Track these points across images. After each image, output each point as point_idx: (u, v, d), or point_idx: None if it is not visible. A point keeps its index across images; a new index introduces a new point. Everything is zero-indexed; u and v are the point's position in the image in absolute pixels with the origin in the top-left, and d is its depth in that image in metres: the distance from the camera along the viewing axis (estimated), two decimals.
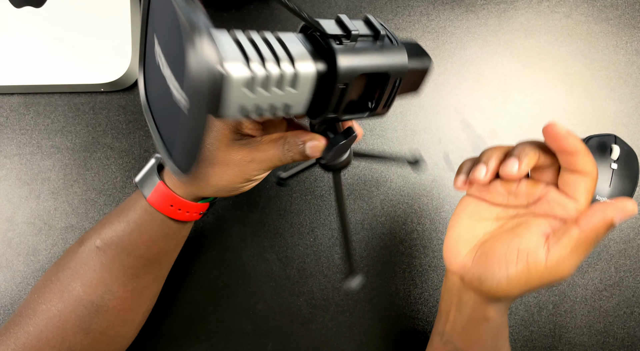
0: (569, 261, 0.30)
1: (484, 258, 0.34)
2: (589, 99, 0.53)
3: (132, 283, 0.39)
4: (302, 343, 0.49)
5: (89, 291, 0.37)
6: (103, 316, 0.38)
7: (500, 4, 0.54)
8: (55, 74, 0.50)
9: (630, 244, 0.51)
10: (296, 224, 0.50)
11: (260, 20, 0.53)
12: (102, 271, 0.38)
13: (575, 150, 0.30)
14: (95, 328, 0.38)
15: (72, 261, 0.38)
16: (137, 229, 0.37)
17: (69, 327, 0.37)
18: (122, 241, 0.38)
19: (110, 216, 0.39)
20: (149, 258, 0.39)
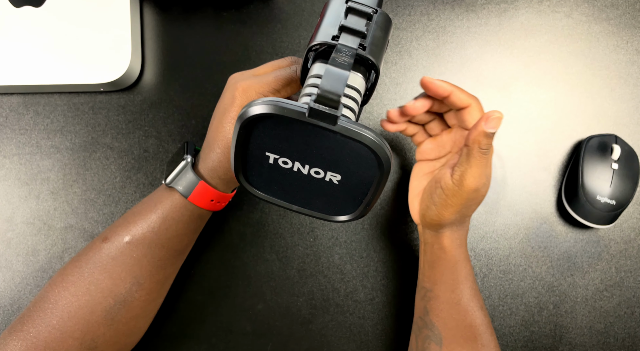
0: (470, 173, 0.37)
1: (422, 198, 0.43)
2: (589, 99, 0.52)
3: (159, 274, 0.41)
4: (302, 343, 0.49)
5: (118, 284, 0.39)
6: (128, 307, 0.39)
7: (501, 4, 0.54)
8: (54, 74, 0.50)
9: (630, 244, 0.51)
10: (296, 224, 0.50)
11: (261, 20, 0.53)
12: (132, 264, 0.39)
13: (446, 91, 0.39)
14: (120, 320, 0.39)
15: (98, 256, 0.39)
16: (174, 225, 0.40)
17: (95, 319, 0.38)
18: (156, 236, 0.40)
19: (136, 213, 0.41)
20: (179, 249, 0.42)
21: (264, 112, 0.28)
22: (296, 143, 0.30)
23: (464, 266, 0.41)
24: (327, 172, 0.31)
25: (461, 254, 0.41)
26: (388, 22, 0.35)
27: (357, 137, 0.28)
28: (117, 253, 0.39)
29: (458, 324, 0.40)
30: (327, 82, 0.26)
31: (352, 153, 0.29)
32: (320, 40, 0.32)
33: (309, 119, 0.27)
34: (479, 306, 0.41)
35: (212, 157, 0.39)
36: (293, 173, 0.32)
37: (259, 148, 0.31)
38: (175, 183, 0.40)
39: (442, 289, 0.41)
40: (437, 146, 0.44)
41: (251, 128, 0.30)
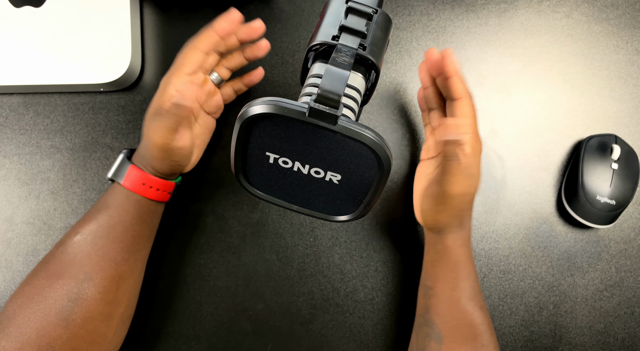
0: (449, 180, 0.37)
1: (422, 202, 0.42)
2: (589, 99, 0.52)
3: (110, 269, 0.40)
4: (302, 343, 0.49)
5: (69, 282, 0.38)
6: (82, 306, 0.38)
7: (501, 4, 0.54)
8: (54, 74, 0.50)
9: (630, 244, 0.51)
10: (296, 224, 0.50)
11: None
12: (82, 258, 0.39)
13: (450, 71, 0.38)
14: (75, 320, 0.38)
15: (52, 261, 0.40)
16: (115, 213, 0.41)
17: (49, 320, 0.37)
18: (101, 227, 0.40)
19: (86, 215, 0.42)
20: (127, 242, 0.41)
21: (263, 112, 0.28)
22: (296, 143, 0.30)
23: (466, 266, 0.41)
24: (327, 172, 0.31)
25: (463, 254, 0.41)
26: (388, 22, 0.35)
27: (357, 137, 0.28)
28: (69, 252, 0.40)
29: (458, 323, 0.40)
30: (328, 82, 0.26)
31: (352, 153, 0.29)
32: (320, 40, 0.32)
33: (309, 119, 0.27)
34: (479, 305, 0.41)
35: (141, 147, 0.42)
36: (293, 173, 0.32)
37: (259, 148, 0.31)
38: (115, 175, 0.42)
39: (442, 287, 0.41)
40: (436, 141, 0.44)
41: (251, 128, 0.30)
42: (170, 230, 0.50)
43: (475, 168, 0.38)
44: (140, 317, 0.48)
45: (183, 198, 0.50)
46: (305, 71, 0.36)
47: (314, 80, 0.33)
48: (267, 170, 0.33)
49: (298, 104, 0.28)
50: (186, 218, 0.50)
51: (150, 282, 0.49)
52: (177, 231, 0.50)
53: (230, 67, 0.45)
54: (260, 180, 0.34)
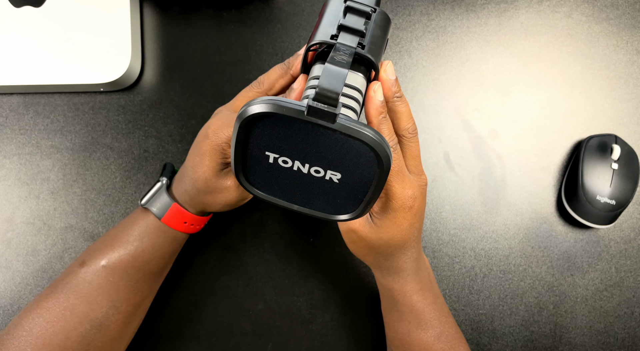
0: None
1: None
2: (589, 99, 0.52)
3: (136, 297, 0.40)
4: (302, 343, 0.49)
5: (94, 308, 0.38)
6: (105, 331, 0.39)
7: (501, 4, 0.54)
8: (54, 74, 0.50)
9: (630, 244, 0.51)
10: (296, 224, 0.50)
11: (260, 20, 0.53)
12: (109, 288, 0.39)
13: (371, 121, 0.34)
14: (96, 344, 0.38)
15: (74, 282, 0.39)
16: (150, 247, 0.40)
17: (70, 345, 0.37)
18: (132, 259, 0.40)
19: (113, 236, 0.41)
20: (155, 272, 0.41)
21: (263, 112, 0.28)
22: (296, 142, 0.30)
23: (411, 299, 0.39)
24: (327, 171, 0.31)
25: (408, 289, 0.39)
26: (387, 21, 0.35)
27: (357, 135, 0.28)
28: (93, 277, 0.39)
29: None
30: (325, 81, 0.26)
31: (352, 151, 0.29)
32: (319, 40, 0.32)
33: (308, 118, 0.27)
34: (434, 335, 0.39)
35: (183, 185, 0.40)
36: (293, 172, 0.32)
37: (259, 148, 0.31)
38: (150, 204, 0.40)
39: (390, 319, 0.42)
40: None
41: (250, 127, 0.30)
42: None
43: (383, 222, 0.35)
44: None
45: None
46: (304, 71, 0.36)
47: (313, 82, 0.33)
48: (267, 170, 0.33)
49: (297, 103, 0.28)
50: None
51: None
52: None
53: None
54: (260, 180, 0.34)
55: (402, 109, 0.35)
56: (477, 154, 0.52)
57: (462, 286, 0.50)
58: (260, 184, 0.34)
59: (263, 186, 0.34)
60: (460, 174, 0.51)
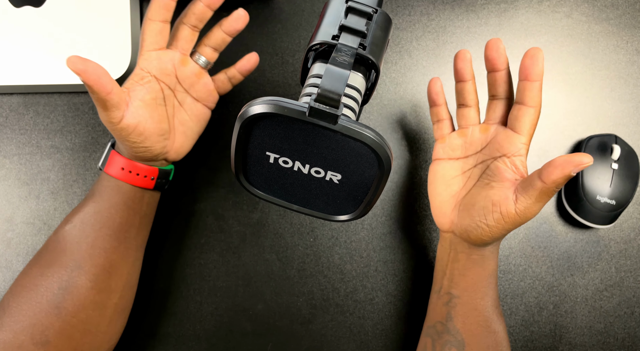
0: (534, 207, 0.36)
1: (467, 212, 0.40)
2: (589, 99, 0.53)
3: (99, 258, 0.40)
4: (302, 343, 0.49)
5: (60, 271, 0.39)
6: (72, 293, 0.38)
7: (501, 4, 0.54)
8: (54, 74, 0.50)
9: (630, 244, 0.51)
10: (296, 224, 0.50)
11: (260, 20, 0.53)
12: (73, 248, 0.39)
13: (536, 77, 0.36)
14: (66, 308, 0.38)
15: (44, 252, 0.40)
16: (100, 199, 0.41)
17: (42, 309, 0.37)
18: (89, 215, 0.40)
19: (77, 205, 0.42)
20: (114, 229, 0.41)
21: (264, 112, 0.28)
22: (296, 143, 0.30)
23: (495, 276, 0.41)
24: (327, 172, 0.31)
25: (496, 263, 0.41)
26: (388, 22, 0.35)
27: (358, 137, 0.28)
28: (60, 241, 0.40)
29: (482, 331, 0.40)
30: (328, 82, 0.26)
31: (353, 152, 0.29)
32: (320, 40, 0.32)
33: (309, 119, 0.27)
34: (500, 313, 0.41)
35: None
36: (293, 173, 0.32)
37: (259, 148, 0.31)
38: (102, 164, 0.42)
39: (471, 296, 0.40)
40: (466, 142, 0.42)
41: (251, 128, 0.30)
42: (171, 230, 0.50)
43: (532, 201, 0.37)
44: (140, 317, 0.48)
45: (183, 198, 0.50)
46: (305, 71, 0.36)
47: (314, 80, 0.33)
48: (267, 170, 0.33)
49: (298, 103, 0.28)
50: (186, 218, 0.50)
51: (150, 282, 0.49)
52: (177, 231, 0.50)
53: (212, 46, 0.43)
54: (261, 180, 0.34)
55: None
56: None
57: None
58: (260, 184, 0.34)
59: (263, 186, 0.34)
60: None
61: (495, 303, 0.41)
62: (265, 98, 0.28)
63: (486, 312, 0.40)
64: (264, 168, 0.33)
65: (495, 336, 0.40)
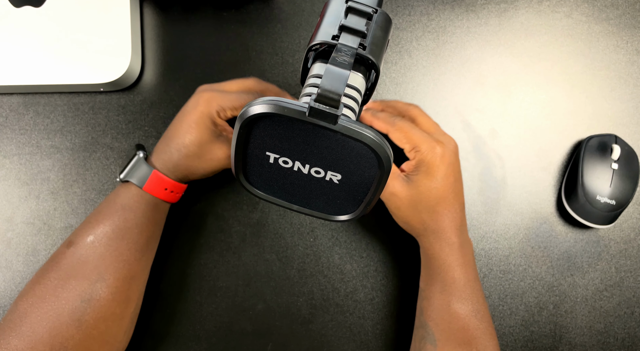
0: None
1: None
2: (589, 99, 0.52)
3: (123, 270, 0.40)
4: (302, 343, 0.49)
5: (83, 283, 0.39)
6: (95, 306, 0.39)
7: (501, 4, 0.54)
8: (54, 74, 0.50)
9: (630, 244, 0.51)
10: (296, 224, 0.50)
11: (260, 20, 0.53)
12: (96, 260, 0.39)
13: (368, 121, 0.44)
14: (87, 320, 0.38)
15: (64, 261, 0.40)
16: (131, 215, 0.41)
17: (62, 321, 0.37)
18: (116, 229, 0.40)
19: (96, 213, 0.42)
20: (141, 243, 0.42)
21: (264, 112, 0.28)
22: (296, 143, 0.30)
23: (455, 271, 0.41)
24: (327, 172, 0.31)
25: (451, 260, 0.41)
26: (388, 22, 0.35)
27: (358, 137, 0.28)
28: (81, 253, 0.40)
29: (450, 326, 0.40)
30: (328, 82, 0.26)
31: (353, 152, 0.29)
32: (320, 40, 0.32)
33: (309, 119, 0.27)
34: (472, 310, 0.40)
35: (166, 153, 0.42)
36: (293, 173, 0.32)
37: (259, 148, 0.31)
38: (129, 176, 0.42)
39: (432, 290, 0.41)
40: None
41: (251, 128, 0.30)
42: (171, 230, 0.50)
43: (417, 176, 0.40)
44: (140, 317, 0.48)
45: (183, 198, 0.50)
46: (305, 71, 0.36)
47: (314, 80, 0.33)
48: (267, 170, 0.33)
49: (298, 103, 0.28)
50: (186, 218, 0.50)
51: (151, 282, 0.49)
52: (177, 231, 0.50)
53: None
54: (260, 180, 0.34)
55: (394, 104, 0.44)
56: (477, 154, 0.52)
57: None
58: (260, 184, 0.34)
59: (263, 186, 0.34)
60: None
61: (462, 299, 0.40)
62: (265, 98, 0.28)
63: (451, 308, 0.40)
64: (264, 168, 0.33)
65: (466, 332, 0.40)
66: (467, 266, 0.41)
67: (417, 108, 0.44)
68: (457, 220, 0.41)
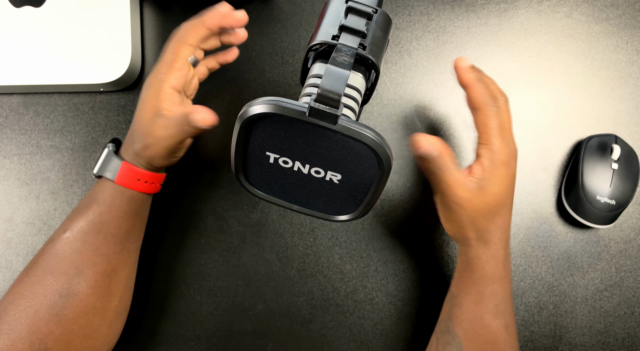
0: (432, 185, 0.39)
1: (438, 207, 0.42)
2: (589, 99, 0.52)
3: (102, 264, 0.40)
4: (302, 343, 0.49)
5: (60, 278, 0.38)
6: (73, 300, 0.38)
7: (501, 4, 0.54)
8: (54, 74, 0.50)
9: (630, 244, 0.51)
10: (296, 224, 0.50)
11: (260, 20, 0.53)
12: (72, 255, 0.39)
13: (468, 83, 0.39)
14: (66, 315, 0.38)
15: (41, 258, 0.39)
16: (107, 209, 0.40)
17: (41, 317, 0.37)
18: (92, 223, 0.40)
19: (75, 210, 0.42)
20: (119, 236, 0.41)
21: (264, 112, 0.28)
22: (296, 143, 0.30)
23: (492, 283, 0.40)
24: (327, 172, 0.31)
25: (491, 270, 0.39)
26: (388, 22, 0.35)
27: (358, 137, 0.28)
28: (58, 249, 0.39)
29: (479, 338, 0.39)
30: (328, 82, 0.26)
31: (353, 152, 0.29)
32: (320, 40, 0.32)
33: (309, 119, 0.27)
34: (504, 325, 0.39)
35: (130, 143, 0.41)
36: (293, 173, 0.32)
37: (259, 148, 0.31)
38: (102, 170, 0.41)
39: (466, 299, 0.40)
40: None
41: (251, 128, 0.30)
42: (171, 230, 0.50)
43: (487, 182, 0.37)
44: (140, 317, 0.48)
45: (183, 198, 0.50)
46: (305, 71, 0.36)
47: (314, 80, 0.33)
48: (267, 170, 0.33)
49: (298, 103, 0.28)
50: (186, 218, 0.50)
51: (150, 282, 0.49)
52: (177, 231, 0.50)
53: (205, 48, 0.44)
54: (260, 180, 0.34)
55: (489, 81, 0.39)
56: None
57: None
58: (260, 184, 0.34)
59: (263, 186, 0.34)
60: None
61: (496, 313, 0.39)
62: (265, 98, 0.28)
63: (483, 320, 0.39)
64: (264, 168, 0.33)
65: (494, 346, 0.39)
66: (506, 281, 0.40)
67: (506, 101, 0.39)
68: (507, 232, 0.40)
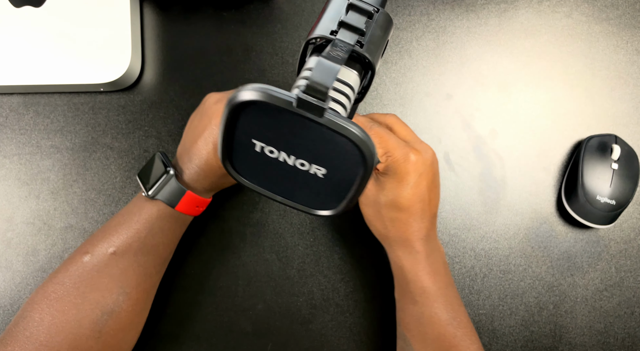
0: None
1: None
2: (589, 99, 0.52)
3: (145, 282, 0.41)
4: (302, 343, 0.49)
5: (105, 295, 0.38)
6: (116, 318, 0.39)
7: (501, 4, 0.54)
8: (54, 74, 0.50)
9: (630, 244, 0.51)
10: (296, 224, 0.50)
11: (260, 20, 0.53)
12: (119, 275, 0.39)
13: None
14: (107, 332, 0.38)
15: (81, 270, 0.39)
16: (160, 232, 0.41)
17: (82, 332, 0.37)
18: (142, 245, 0.40)
19: (116, 224, 0.41)
20: (165, 257, 0.42)
21: (252, 99, 0.28)
22: (283, 133, 0.30)
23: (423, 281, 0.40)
24: (312, 165, 0.31)
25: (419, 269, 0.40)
26: (389, 23, 0.35)
27: (343, 132, 0.27)
28: (101, 265, 0.39)
29: (425, 337, 0.39)
30: (317, 74, 0.26)
31: (338, 148, 0.29)
32: (318, 34, 0.32)
33: (296, 109, 0.27)
34: (448, 318, 0.39)
35: (191, 169, 0.41)
36: (279, 163, 0.32)
37: (246, 134, 0.31)
38: (161, 194, 0.41)
39: (405, 301, 0.41)
40: None
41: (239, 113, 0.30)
42: None
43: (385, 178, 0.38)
44: None
45: None
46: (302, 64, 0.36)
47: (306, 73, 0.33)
48: (253, 158, 0.32)
49: (287, 93, 0.28)
50: None
51: None
52: None
53: None
54: (246, 168, 0.34)
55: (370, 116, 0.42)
56: (477, 154, 0.52)
57: (462, 286, 0.50)
58: (246, 172, 0.34)
59: (249, 174, 0.34)
60: (460, 174, 0.51)
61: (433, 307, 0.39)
62: (255, 85, 0.28)
63: (423, 316, 0.39)
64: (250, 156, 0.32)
65: (443, 341, 0.39)
66: (436, 274, 0.40)
67: (394, 116, 0.42)
68: (423, 230, 0.40)
